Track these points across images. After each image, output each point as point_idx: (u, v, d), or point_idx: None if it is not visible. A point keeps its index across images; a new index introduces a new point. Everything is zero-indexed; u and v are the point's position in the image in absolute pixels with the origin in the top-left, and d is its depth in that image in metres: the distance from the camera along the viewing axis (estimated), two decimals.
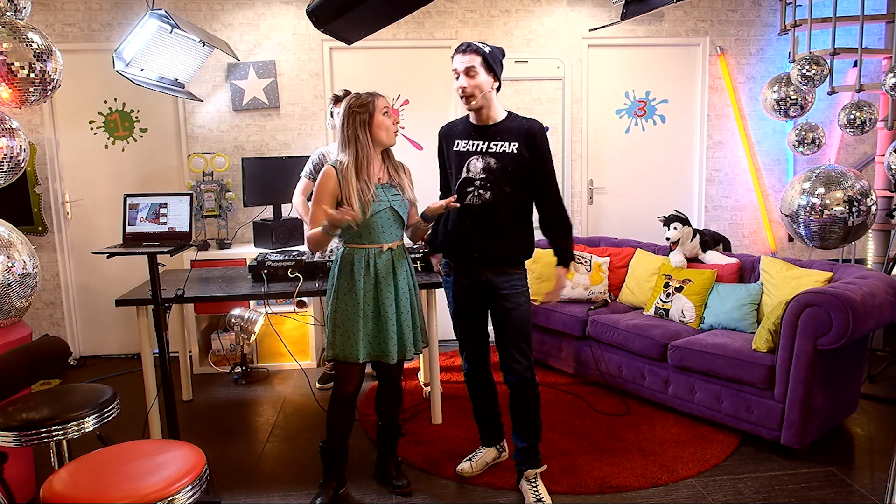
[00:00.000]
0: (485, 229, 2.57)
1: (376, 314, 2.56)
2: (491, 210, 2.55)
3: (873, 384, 3.85)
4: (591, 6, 4.80)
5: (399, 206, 2.59)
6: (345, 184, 2.46)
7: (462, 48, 2.50)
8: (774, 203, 5.09)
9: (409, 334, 2.61)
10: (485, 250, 2.59)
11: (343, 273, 2.56)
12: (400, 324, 2.59)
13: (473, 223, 2.58)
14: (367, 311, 2.54)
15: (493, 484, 2.84)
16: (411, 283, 2.67)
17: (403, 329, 2.60)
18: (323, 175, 2.51)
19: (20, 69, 2.73)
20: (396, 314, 2.57)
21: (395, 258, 2.59)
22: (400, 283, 2.59)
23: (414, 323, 2.66)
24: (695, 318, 3.65)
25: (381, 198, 2.54)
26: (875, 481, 2.81)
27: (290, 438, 3.37)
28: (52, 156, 4.56)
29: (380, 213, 2.53)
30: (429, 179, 4.98)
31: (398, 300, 2.58)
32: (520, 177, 2.55)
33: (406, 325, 2.60)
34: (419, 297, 2.74)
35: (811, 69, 4.16)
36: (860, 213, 3.79)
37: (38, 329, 4.61)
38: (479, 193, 2.55)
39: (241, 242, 4.65)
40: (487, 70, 2.49)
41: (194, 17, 4.52)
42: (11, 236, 2.80)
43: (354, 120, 2.49)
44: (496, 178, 2.53)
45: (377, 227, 2.53)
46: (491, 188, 2.54)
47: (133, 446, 1.87)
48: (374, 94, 2.52)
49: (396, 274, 2.58)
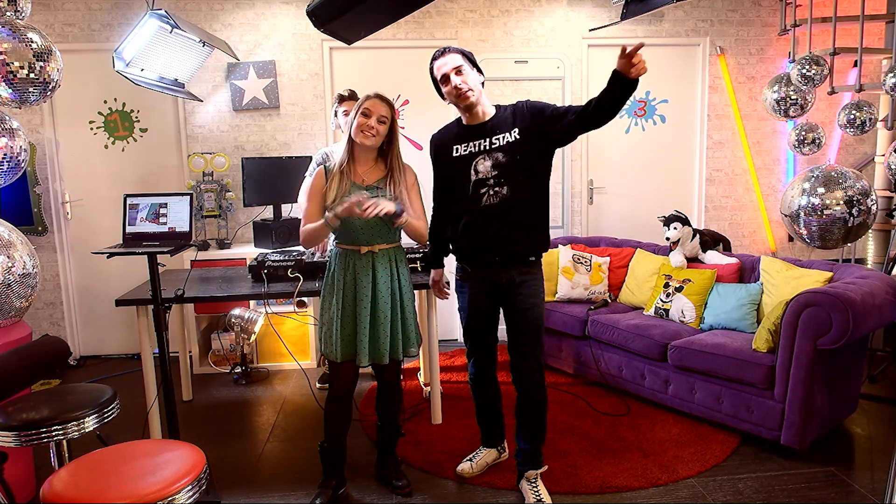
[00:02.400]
0: (505, 227, 2.53)
1: (352, 316, 2.56)
2: (511, 204, 2.51)
3: (873, 384, 3.85)
4: (591, 6, 4.80)
5: None
6: (329, 176, 2.56)
7: (440, 52, 2.52)
8: (774, 203, 5.09)
9: (385, 339, 2.57)
10: (507, 251, 2.56)
11: (329, 272, 2.62)
12: (375, 327, 2.56)
13: (493, 223, 2.54)
14: (344, 312, 2.55)
15: (493, 484, 2.84)
16: (397, 286, 2.62)
17: (379, 333, 2.56)
18: (315, 175, 2.60)
19: (20, 69, 2.73)
20: (372, 318, 2.55)
21: (377, 261, 2.55)
22: (379, 286, 2.55)
23: (394, 328, 2.61)
24: (695, 318, 3.65)
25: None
26: (875, 481, 2.81)
27: (290, 438, 3.37)
28: (52, 156, 4.56)
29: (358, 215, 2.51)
30: (429, 179, 4.99)
31: (375, 304, 2.55)
32: (532, 162, 2.52)
33: (383, 329, 2.57)
34: (411, 299, 2.69)
35: (811, 69, 4.16)
36: (860, 212, 3.78)
37: (38, 329, 4.61)
38: (496, 191, 2.51)
39: (241, 242, 4.65)
40: (471, 66, 2.52)
41: (194, 17, 4.52)
42: (11, 236, 2.80)
43: (349, 117, 2.57)
44: (509, 171, 2.50)
45: (356, 228, 2.52)
46: (506, 182, 2.50)
47: (133, 446, 1.87)
48: (372, 94, 2.54)
49: (376, 277, 2.55)
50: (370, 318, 2.55)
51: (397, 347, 2.64)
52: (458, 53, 2.51)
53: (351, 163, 2.56)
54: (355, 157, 2.57)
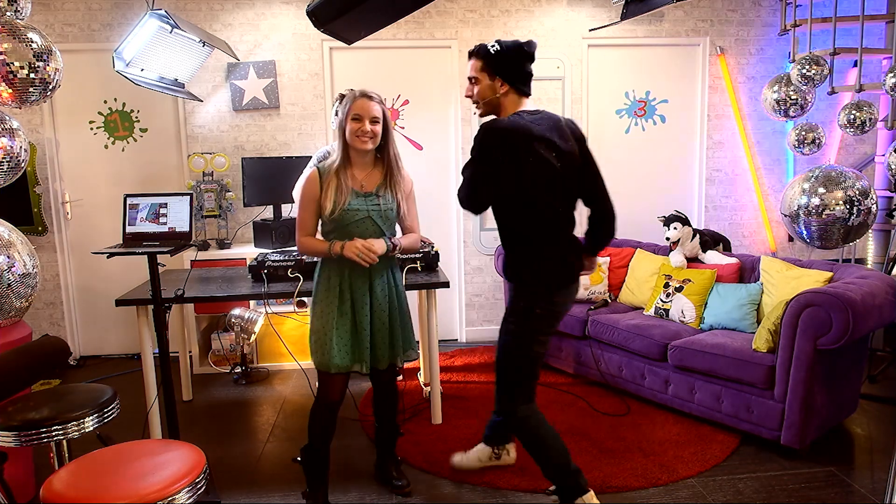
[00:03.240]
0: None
1: (352, 324, 2.50)
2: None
3: (873, 384, 3.85)
4: (591, 6, 4.80)
5: (379, 216, 2.47)
6: (324, 185, 2.42)
7: (469, 53, 2.45)
8: (774, 203, 5.09)
9: (384, 345, 2.55)
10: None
11: (322, 279, 2.53)
12: (373, 334, 2.52)
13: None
14: (342, 320, 2.48)
15: (492, 484, 2.84)
16: (393, 293, 2.57)
17: (376, 339, 2.53)
18: (307, 180, 2.47)
19: (20, 69, 2.73)
20: (371, 325, 2.51)
21: (374, 267, 2.47)
22: (377, 293, 2.51)
23: (394, 334, 2.57)
24: (695, 318, 3.65)
25: (359, 206, 2.44)
26: (875, 481, 2.81)
27: (290, 438, 3.37)
28: (52, 156, 4.56)
29: (357, 223, 2.45)
30: (429, 179, 5.02)
31: (374, 310, 2.51)
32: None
33: (381, 335, 2.54)
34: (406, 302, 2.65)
35: (811, 69, 4.16)
36: (860, 212, 3.79)
37: (38, 329, 4.61)
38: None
39: (241, 242, 4.65)
40: (492, 74, 2.38)
41: (194, 17, 4.52)
42: (11, 236, 2.80)
43: (340, 117, 2.45)
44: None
45: (354, 236, 2.44)
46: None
47: (133, 446, 1.87)
48: (357, 94, 2.42)
49: (373, 283, 2.50)
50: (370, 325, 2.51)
51: (397, 353, 2.61)
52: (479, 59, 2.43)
53: (348, 167, 2.46)
54: (352, 160, 2.47)
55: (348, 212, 2.42)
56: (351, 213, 2.43)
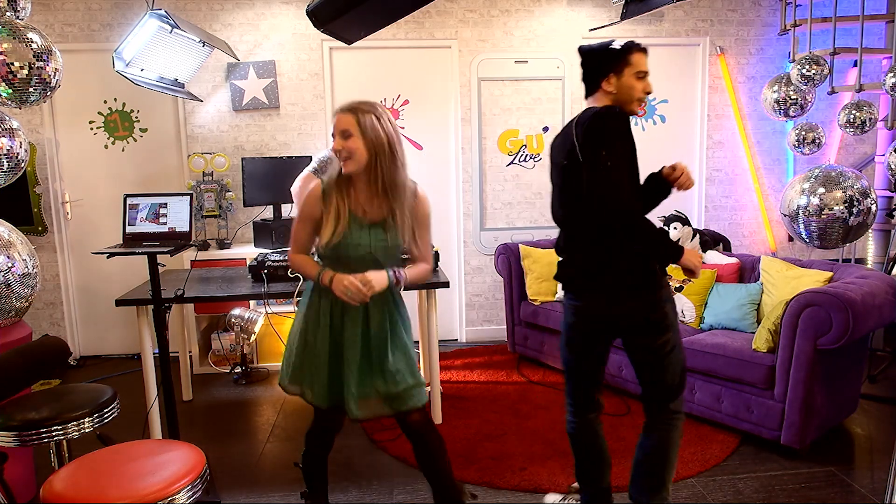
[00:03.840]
0: None
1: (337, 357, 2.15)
2: None
3: (873, 384, 3.85)
4: (591, 6, 4.80)
5: (382, 253, 2.11)
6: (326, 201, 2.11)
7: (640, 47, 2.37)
8: (774, 203, 5.09)
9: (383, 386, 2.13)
10: None
11: (312, 302, 2.19)
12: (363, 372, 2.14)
13: None
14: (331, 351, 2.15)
15: (492, 484, 2.84)
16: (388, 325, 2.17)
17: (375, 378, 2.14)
18: (309, 195, 2.16)
19: (20, 69, 2.73)
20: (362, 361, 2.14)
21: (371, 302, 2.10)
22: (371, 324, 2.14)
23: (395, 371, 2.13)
24: (695, 318, 3.65)
25: (361, 241, 2.09)
26: (875, 481, 2.81)
27: (290, 438, 3.37)
28: (52, 156, 4.56)
29: (357, 259, 2.09)
30: (429, 179, 5.02)
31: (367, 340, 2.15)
32: None
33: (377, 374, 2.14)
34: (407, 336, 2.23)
35: (811, 69, 4.17)
36: (860, 212, 3.78)
37: (38, 329, 4.61)
38: None
39: (241, 242, 4.65)
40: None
41: (194, 17, 4.52)
42: (11, 236, 2.80)
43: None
44: None
45: (350, 264, 2.09)
46: None
47: (133, 446, 1.87)
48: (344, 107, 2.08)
49: (369, 319, 2.14)
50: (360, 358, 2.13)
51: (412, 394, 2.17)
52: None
53: (350, 185, 2.12)
54: (353, 179, 2.12)
55: (348, 245, 2.08)
56: (351, 246, 2.08)
